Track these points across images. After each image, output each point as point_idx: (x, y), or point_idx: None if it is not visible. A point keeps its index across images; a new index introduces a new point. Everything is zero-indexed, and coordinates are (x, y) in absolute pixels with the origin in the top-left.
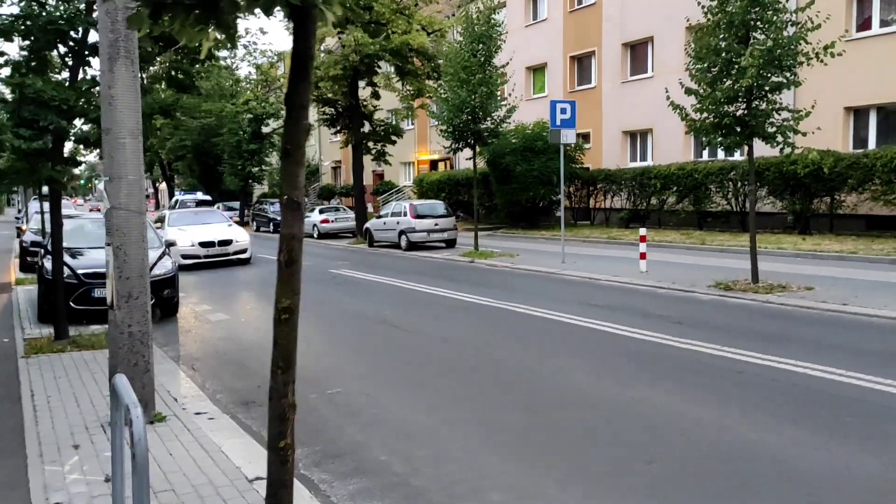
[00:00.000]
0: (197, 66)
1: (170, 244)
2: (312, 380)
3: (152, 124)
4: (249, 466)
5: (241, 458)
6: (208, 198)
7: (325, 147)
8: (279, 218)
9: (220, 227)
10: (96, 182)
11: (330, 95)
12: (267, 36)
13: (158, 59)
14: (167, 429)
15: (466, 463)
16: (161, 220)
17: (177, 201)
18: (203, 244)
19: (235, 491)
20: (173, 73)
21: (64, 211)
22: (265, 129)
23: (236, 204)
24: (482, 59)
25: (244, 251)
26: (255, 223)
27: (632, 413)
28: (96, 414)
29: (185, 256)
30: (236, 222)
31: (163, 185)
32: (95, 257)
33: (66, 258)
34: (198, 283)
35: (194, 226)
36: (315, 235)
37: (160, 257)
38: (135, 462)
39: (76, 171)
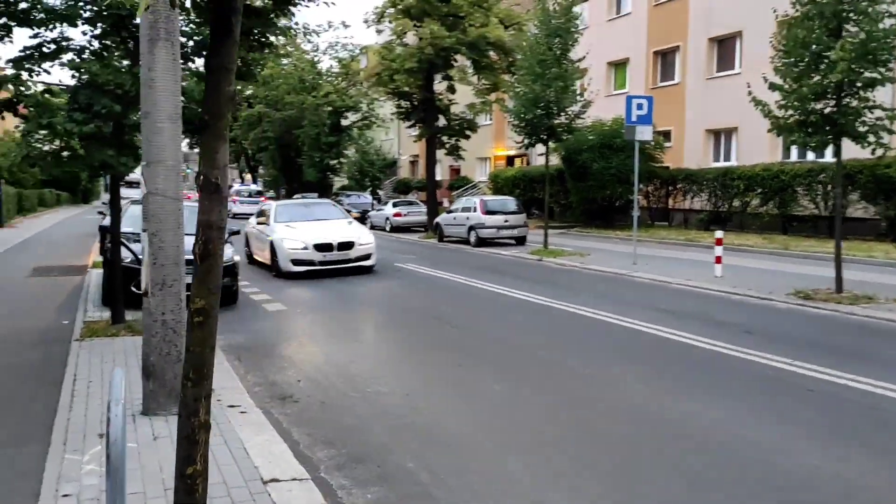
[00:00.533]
0: (253, 54)
1: (233, 233)
2: (354, 376)
3: (233, 114)
4: (268, 466)
5: (262, 458)
6: (257, 187)
7: (403, 141)
8: (355, 211)
9: (339, 225)
10: (188, 170)
11: (406, 88)
12: (349, 29)
13: None
14: None
15: (495, 476)
16: (264, 213)
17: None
18: (318, 247)
19: (247, 493)
20: None
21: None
22: (344, 122)
23: (314, 196)
24: (558, 52)
25: (367, 257)
26: None
27: (685, 430)
28: (132, 402)
29: (295, 262)
30: None
31: (248, 178)
32: None
33: (131, 244)
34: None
35: (306, 222)
36: (388, 229)
37: None
38: (109, 464)
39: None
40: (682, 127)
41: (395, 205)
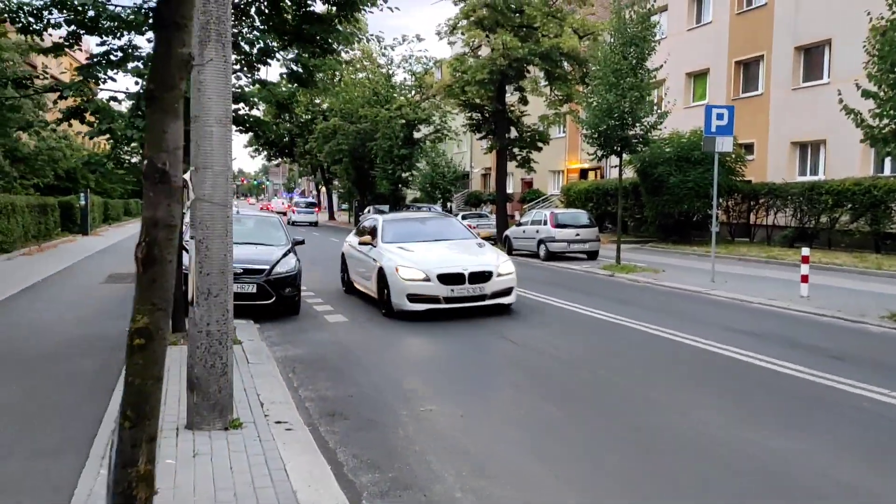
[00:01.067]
0: (315, 60)
1: (297, 242)
2: (407, 393)
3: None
4: (306, 491)
5: (301, 481)
6: (311, 199)
7: (475, 153)
8: None
9: (467, 247)
10: (267, 182)
11: (477, 100)
12: (423, 42)
13: (280, 53)
14: (239, 437)
15: None
16: (368, 231)
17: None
18: (444, 279)
19: None
20: (293, 66)
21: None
22: (416, 135)
23: (386, 208)
24: (633, 61)
25: (508, 292)
26: None
27: (766, 467)
28: (178, 415)
29: (413, 298)
30: None
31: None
32: (237, 252)
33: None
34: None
35: (423, 243)
36: None
37: (285, 254)
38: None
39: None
40: (766, 139)
41: (464, 217)
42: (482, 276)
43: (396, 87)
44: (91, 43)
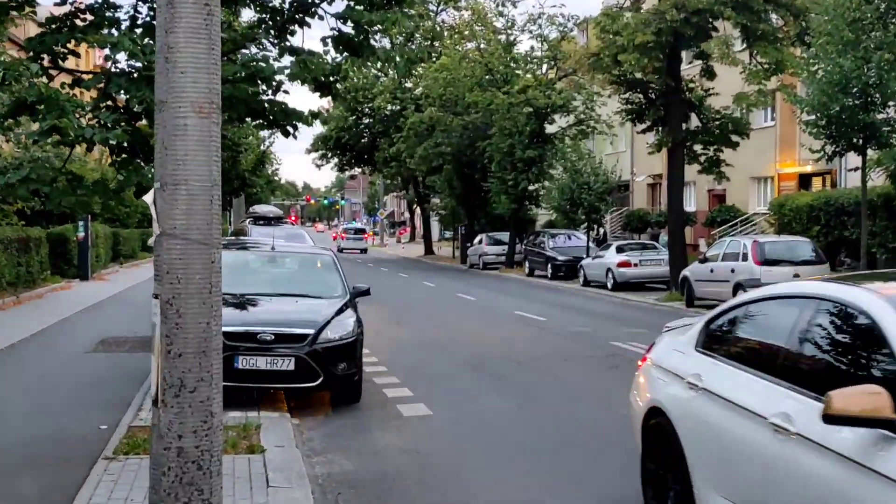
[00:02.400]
0: (372, 15)
1: (359, 293)
2: None
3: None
4: None
5: None
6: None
7: (637, 154)
8: (561, 257)
9: None
10: (342, 202)
11: (638, 75)
12: None
13: (324, 6)
14: None
15: None
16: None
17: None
18: None
19: None
20: (341, 25)
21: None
22: (549, 129)
23: (505, 235)
24: (882, 6)
25: None
26: (527, 263)
27: None
28: None
29: None
30: (503, 261)
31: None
32: (259, 308)
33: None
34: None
35: None
36: (609, 286)
37: (339, 311)
38: None
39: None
40: None
41: (620, 249)
42: None
43: (520, 60)
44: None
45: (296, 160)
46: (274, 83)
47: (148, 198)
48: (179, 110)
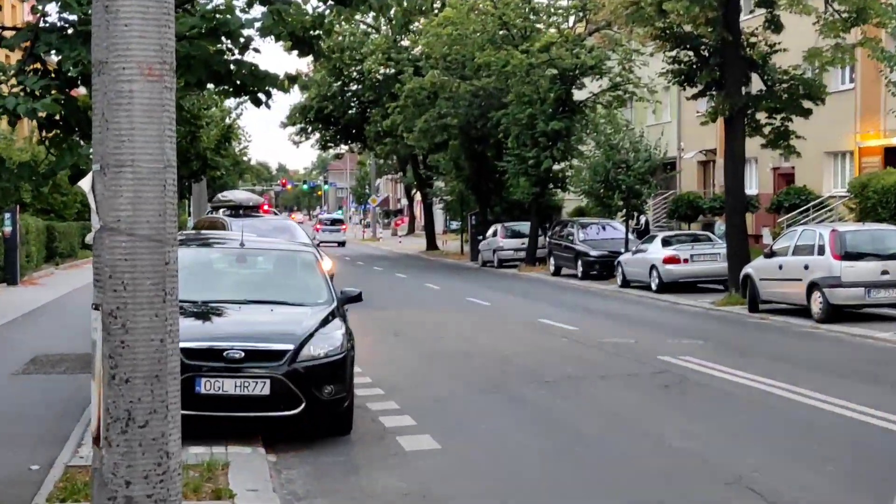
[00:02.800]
0: None
1: (349, 298)
2: None
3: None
4: None
5: None
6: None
7: (686, 126)
8: (594, 252)
9: None
10: (325, 187)
11: (687, 27)
12: None
13: None
14: None
15: None
16: None
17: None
18: None
19: None
20: None
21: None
22: (578, 95)
23: (525, 225)
24: None
25: None
26: (552, 260)
27: None
28: None
29: None
30: (522, 258)
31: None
32: (226, 318)
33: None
34: None
35: None
36: (654, 287)
37: (324, 322)
38: None
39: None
40: None
41: (666, 242)
42: None
43: (541, 11)
44: None
45: (269, 136)
46: (241, 39)
47: (85, 183)
48: (123, 73)
